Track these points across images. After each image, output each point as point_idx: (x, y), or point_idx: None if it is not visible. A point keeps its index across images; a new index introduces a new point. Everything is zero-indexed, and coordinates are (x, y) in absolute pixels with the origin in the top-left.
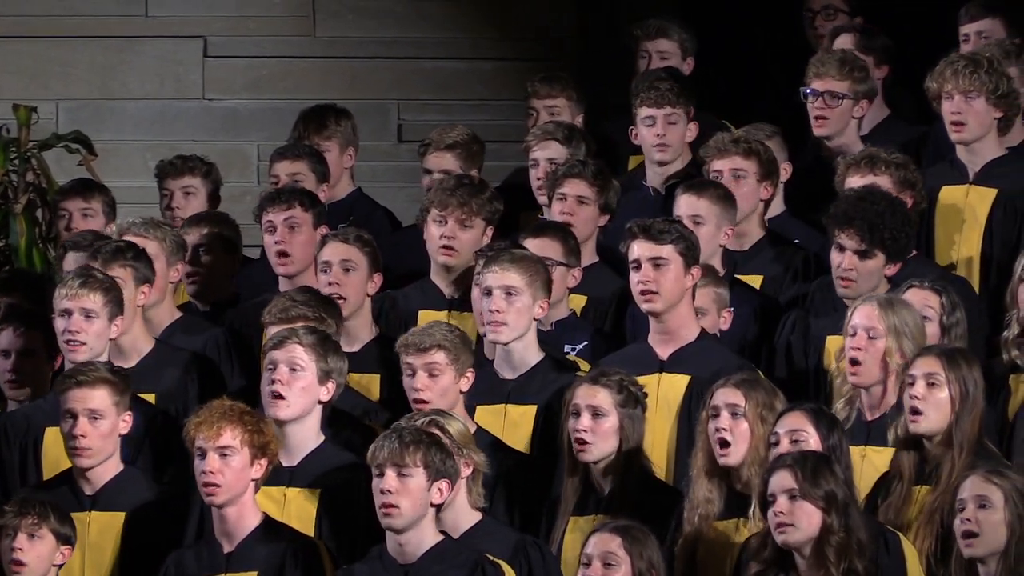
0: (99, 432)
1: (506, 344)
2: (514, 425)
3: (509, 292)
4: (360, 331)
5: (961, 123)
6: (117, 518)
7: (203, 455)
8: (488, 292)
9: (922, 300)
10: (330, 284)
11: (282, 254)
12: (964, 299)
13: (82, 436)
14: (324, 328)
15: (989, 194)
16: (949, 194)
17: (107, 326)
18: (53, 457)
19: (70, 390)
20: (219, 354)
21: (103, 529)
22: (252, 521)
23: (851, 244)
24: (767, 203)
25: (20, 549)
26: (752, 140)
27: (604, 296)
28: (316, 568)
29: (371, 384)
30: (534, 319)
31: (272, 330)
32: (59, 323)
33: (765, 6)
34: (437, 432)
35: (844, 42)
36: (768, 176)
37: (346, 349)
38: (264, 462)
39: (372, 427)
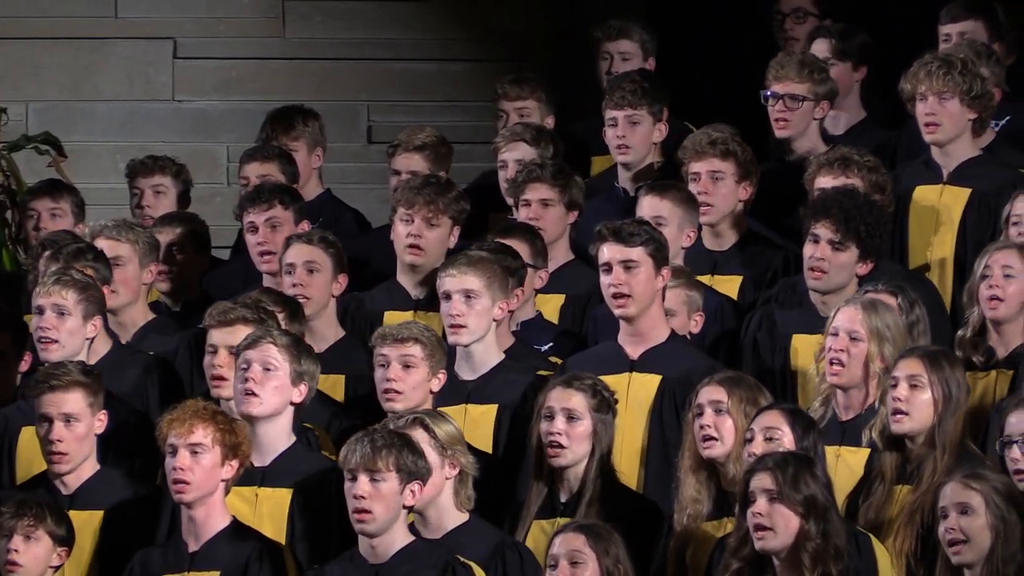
0: (75, 435)
1: (466, 346)
2: (475, 425)
3: (468, 295)
4: (325, 332)
5: (935, 124)
6: (95, 517)
7: (174, 452)
8: (447, 296)
9: None
10: (294, 285)
11: (265, 253)
12: (927, 301)
13: (58, 441)
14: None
15: (963, 194)
16: (923, 194)
17: (81, 325)
18: (27, 458)
19: (44, 394)
20: (190, 356)
21: (81, 528)
22: (220, 522)
23: (826, 234)
24: (746, 204)
25: (16, 551)
26: (730, 141)
27: (582, 294)
28: (280, 572)
29: (336, 385)
30: (494, 320)
31: (213, 333)
32: (33, 321)
33: (732, 8)
34: (419, 430)
35: (821, 48)
36: (747, 177)
37: None
38: (235, 463)
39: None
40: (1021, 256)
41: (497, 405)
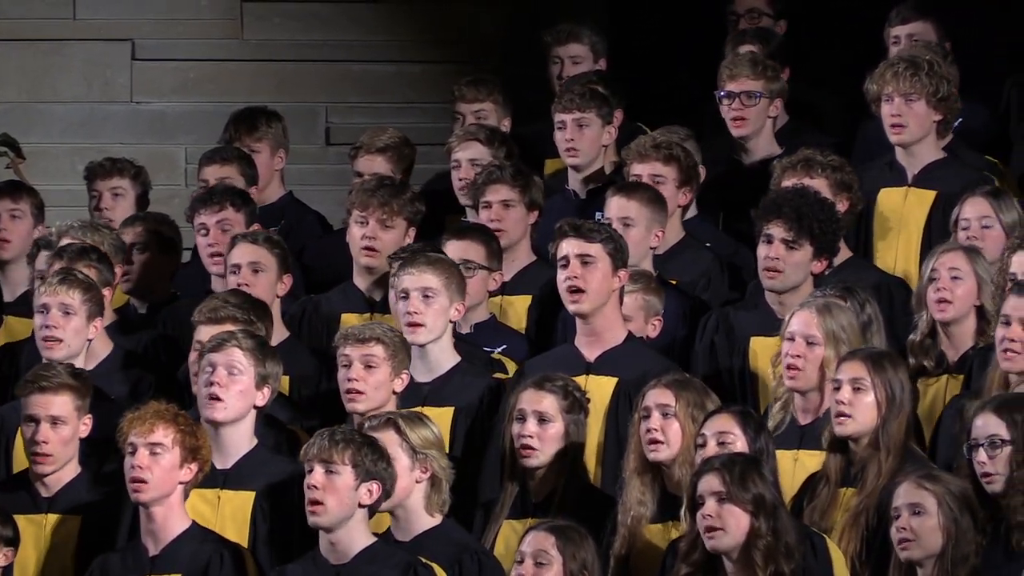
0: (60, 437)
1: (423, 346)
2: None
3: (426, 294)
4: (269, 331)
5: (901, 125)
6: (74, 520)
7: (134, 451)
8: (405, 294)
9: None
10: (239, 286)
11: (216, 255)
12: (901, 302)
13: (44, 442)
14: (254, 331)
15: (928, 196)
16: (888, 197)
17: (85, 325)
18: (23, 457)
19: (32, 395)
20: (154, 357)
21: (60, 531)
22: (180, 525)
23: (779, 233)
24: (685, 208)
25: None
26: (673, 145)
27: (548, 294)
28: (241, 574)
29: (281, 386)
30: (450, 321)
31: (203, 329)
32: (37, 319)
33: (689, 10)
34: (391, 432)
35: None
36: (687, 182)
37: None
38: (194, 466)
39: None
40: (968, 258)
41: (454, 408)
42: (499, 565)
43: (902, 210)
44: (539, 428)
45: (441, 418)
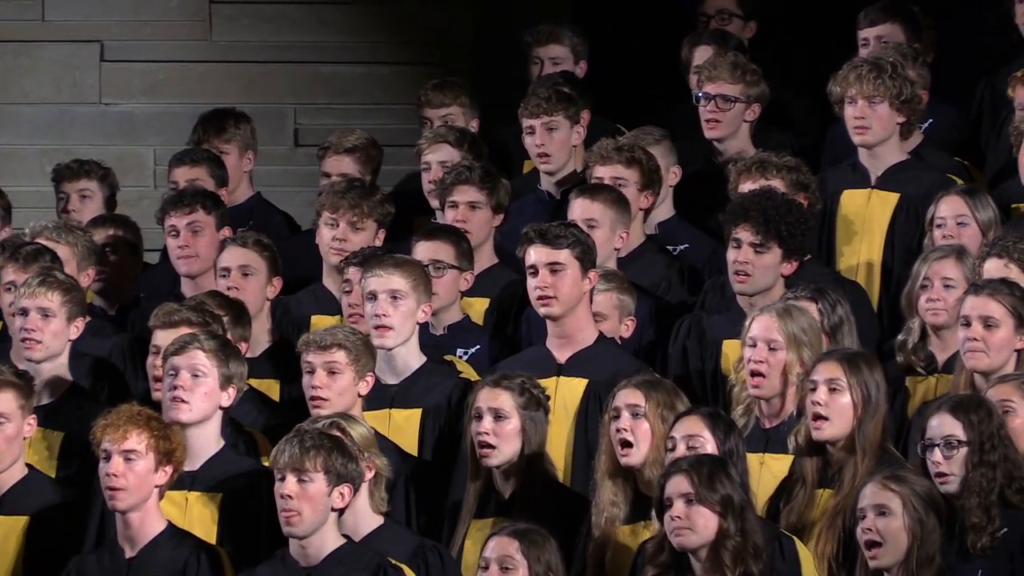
0: (4, 436)
1: (392, 349)
2: (399, 430)
3: (395, 296)
4: (260, 335)
5: (864, 127)
6: (20, 522)
7: (108, 458)
8: (373, 296)
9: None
10: (229, 289)
11: (185, 257)
12: (856, 304)
13: None
14: (216, 332)
15: (891, 198)
16: (851, 198)
17: (65, 326)
18: None
19: None
20: (124, 360)
21: (6, 532)
22: (156, 527)
23: (746, 237)
24: (647, 212)
25: None
26: (636, 149)
27: (507, 298)
28: (218, 574)
29: (270, 389)
30: (417, 323)
31: (159, 334)
32: (17, 322)
33: (658, 10)
34: (339, 434)
35: (704, 54)
36: (649, 186)
37: (245, 354)
38: (169, 469)
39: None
40: (959, 264)
41: (421, 409)
42: (454, 559)
43: (865, 212)
44: (495, 425)
45: (409, 420)
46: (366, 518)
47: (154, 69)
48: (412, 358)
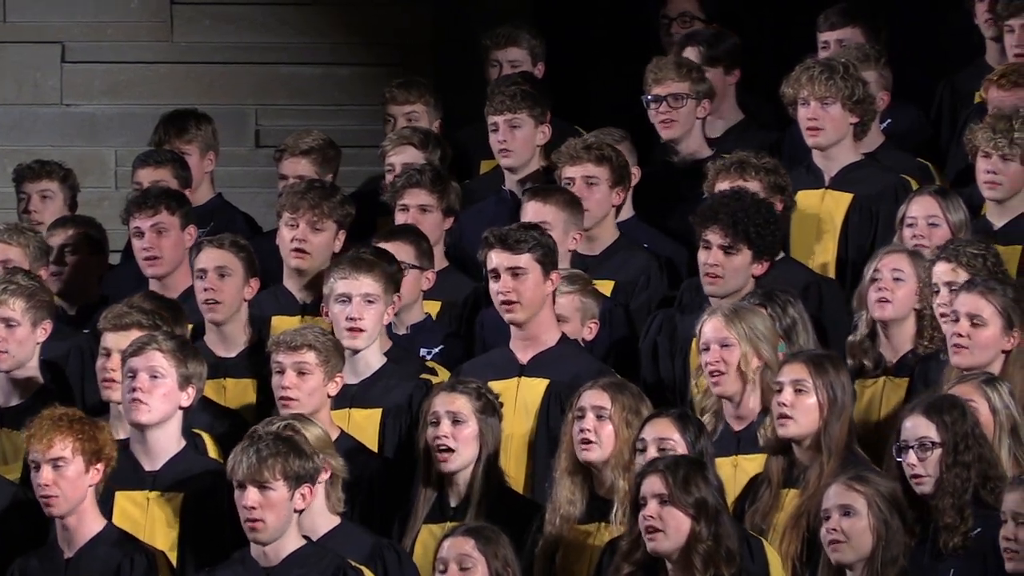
0: None
1: (362, 350)
2: (359, 429)
3: (369, 300)
4: (237, 336)
5: (817, 128)
6: None
7: (37, 468)
8: (346, 299)
9: None
10: (206, 290)
11: (151, 258)
12: (831, 301)
13: None
14: (175, 333)
15: (845, 199)
16: (805, 199)
17: (31, 332)
18: None
19: None
20: (82, 361)
21: None
22: (93, 528)
23: (716, 239)
24: (619, 208)
25: None
26: (604, 146)
27: (457, 300)
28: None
29: (247, 389)
30: (384, 325)
31: (108, 336)
32: None
33: (618, 12)
34: (292, 434)
35: (691, 55)
36: (620, 182)
37: (223, 354)
38: (100, 467)
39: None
40: (911, 260)
41: (381, 409)
42: (411, 558)
43: (819, 212)
44: (453, 429)
45: (369, 419)
46: (323, 518)
47: (115, 70)
48: (373, 358)
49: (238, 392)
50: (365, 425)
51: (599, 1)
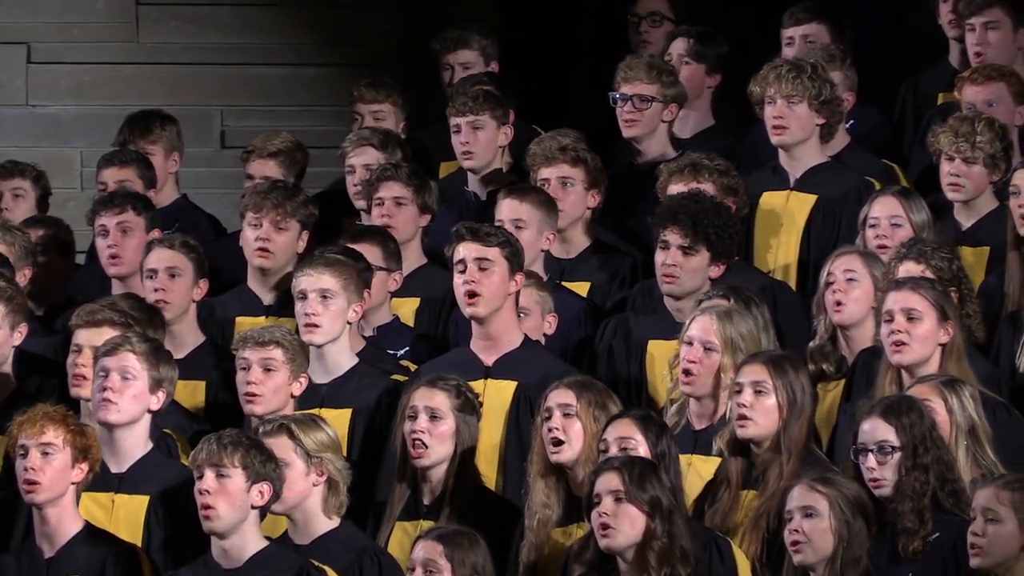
0: None
1: (320, 347)
2: None
3: (324, 295)
4: (185, 337)
5: (783, 127)
6: None
7: (25, 453)
8: (303, 295)
9: None
10: (155, 290)
11: (114, 256)
12: (785, 305)
13: None
14: (148, 335)
15: (809, 200)
16: (770, 200)
17: (9, 335)
18: None
19: None
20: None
21: None
22: (73, 527)
23: (675, 239)
24: (594, 211)
25: None
26: (580, 148)
27: (437, 297)
28: (136, 575)
29: (196, 390)
30: (348, 323)
31: (80, 333)
32: None
33: (586, 12)
34: (283, 437)
35: (680, 46)
36: (596, 184)
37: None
38: (85, 466)
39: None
40: (864, 261)
41: (351, 409)
42: (397, 566)
43: (783, 213)
44: (430, 424)
45: (339, 420)
46: (318, 521)
47: (81, 71)
48: (343, 358)
49: (187, 393)
50: (335, 425)
51: (566, 2)
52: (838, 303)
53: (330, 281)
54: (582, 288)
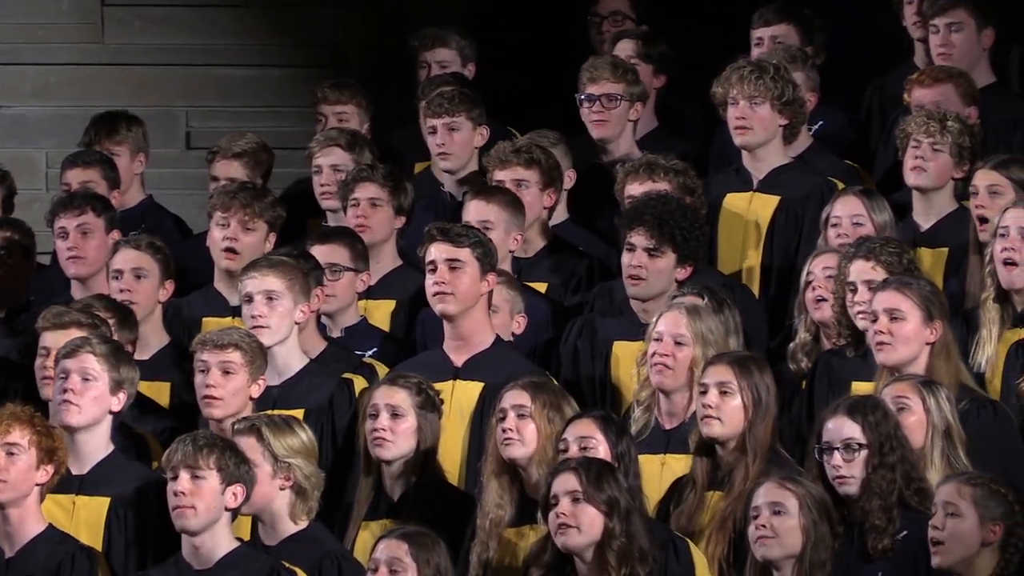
0: None
1: (268, 348)
2: None
3: (270, 297)
4: (151, 338)
5: (745, 128)
6: None
7: None
8: (249, 298)
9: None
10: (121, 291)
11: (74, 259)
12: (746, 307)
13: None
14: (109, 336)
15: (772, 201)
16: (733, 201)
17: None
18: None
19: None
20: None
21: None
22: (35, 528)
23: (641, 241)
24: (551, 210)
25: None
26: (534, 149)
27: (412, 299)
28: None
29: (161, 391)
30: (296, 323)
31: (47, 335)
32: None
33: (551, 12)
34: (251, 438)
35: (624, 48)
36: (551, 184)
37: (136, 357)
38: (51, 468)
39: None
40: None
41: (304, 410)
42: (361, 569)
43: (746, 215)
44: (392, 422)
45: None
46: (285, 524)
47: (45, 72)
48: (293, 359)
49: (152, 394)
50: None
51: (532, 2)
52: (819, 300)
53: (275, 282)
54: (539, 288)
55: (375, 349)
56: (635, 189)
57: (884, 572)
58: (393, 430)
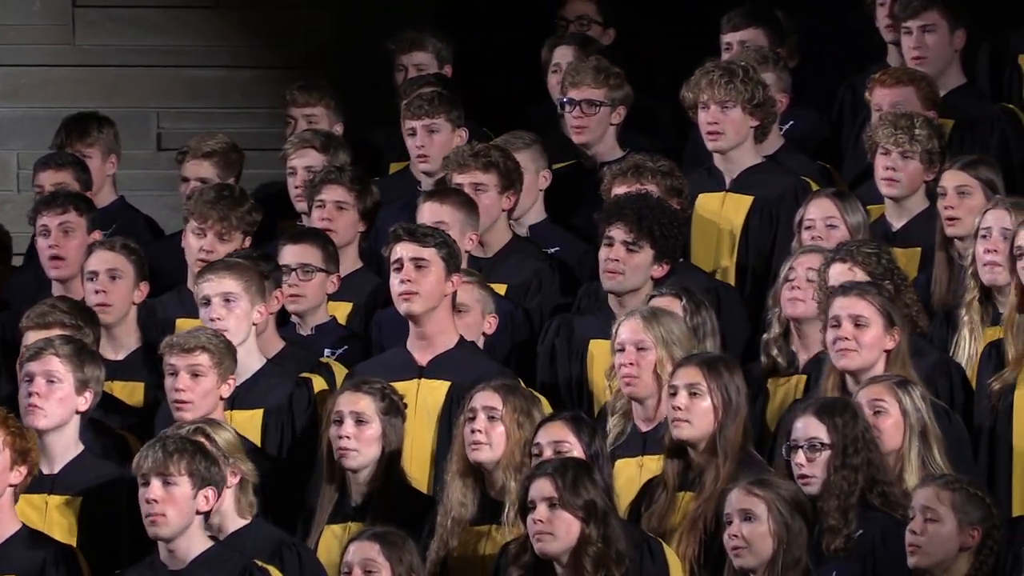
0: None
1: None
2: (241, 431)
3: (227, 299)
4: (125, 339)
5: (718, 132)
6: None
7: None
8: (207, 301)
9: (666, 307)
10: (96, 292)
11: (55, 258)
12: (728, 305)
13: None
14: (82, 337)
15: (745, 201)
16: (706, 202)
17: None
18: None
19: None
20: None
21: None
22: (10, 527)
23: (619, 235)
24: (510, 212)
25: None
26: (492, 152)
27: (371, 302)
28: (76, 575)
29: (135, 392)
30: (253, 324)
31: (30, 335)
32: None
33: (520, 15)
34: (203, 440)
35: (564, 54)
36: (510, 186)
37: (111, 357)
38: (24, 469)
39: (125, 436)
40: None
41: (263, 410)
42: (314, 557)
43: (720, 215)
44: (356, 429)
45: (251, 420)
46: (232, 520)
47: (16, 73)
48: (251, 359)
49: (126, 395)
50: (246, 427)
51: (502, 4)
52: (795, 299)
53: (232, 284)
54: (499, 289)
55: (345, 348)
56: (623, 191)
57: (837, 571)
58: (358, 438)
